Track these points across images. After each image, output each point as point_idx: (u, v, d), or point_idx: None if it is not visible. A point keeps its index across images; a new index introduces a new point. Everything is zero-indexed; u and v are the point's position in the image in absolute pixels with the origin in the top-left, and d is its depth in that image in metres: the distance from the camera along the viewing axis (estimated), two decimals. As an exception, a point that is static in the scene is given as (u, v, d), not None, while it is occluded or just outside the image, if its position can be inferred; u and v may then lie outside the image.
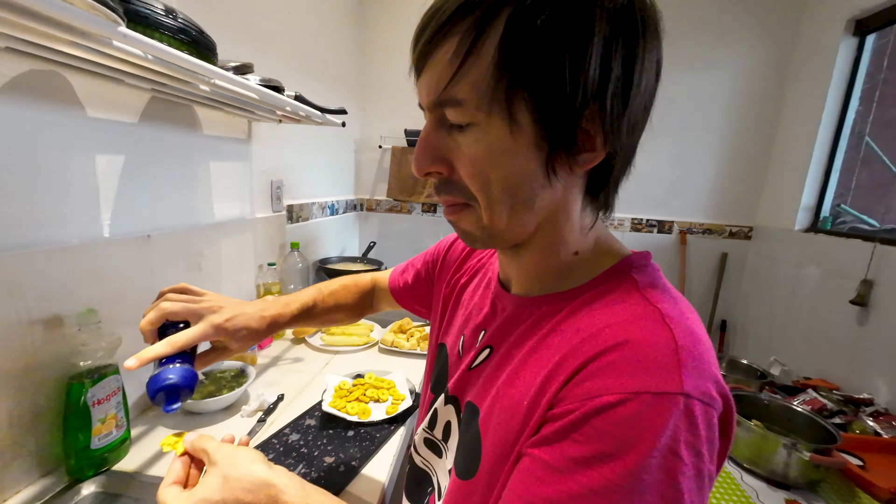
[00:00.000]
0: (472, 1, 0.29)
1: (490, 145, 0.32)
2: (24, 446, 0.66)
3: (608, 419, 0.28)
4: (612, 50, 0.30)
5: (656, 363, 0.29)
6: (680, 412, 0.27)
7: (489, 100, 0.31)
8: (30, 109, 0.65)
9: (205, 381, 0.96)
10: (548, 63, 0.29)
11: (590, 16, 0.29)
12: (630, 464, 0.27)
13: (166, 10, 0.60)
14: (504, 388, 0.38)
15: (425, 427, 0.51)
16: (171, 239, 0.93)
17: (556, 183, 0.34)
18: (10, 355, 0.63)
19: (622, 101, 0.31)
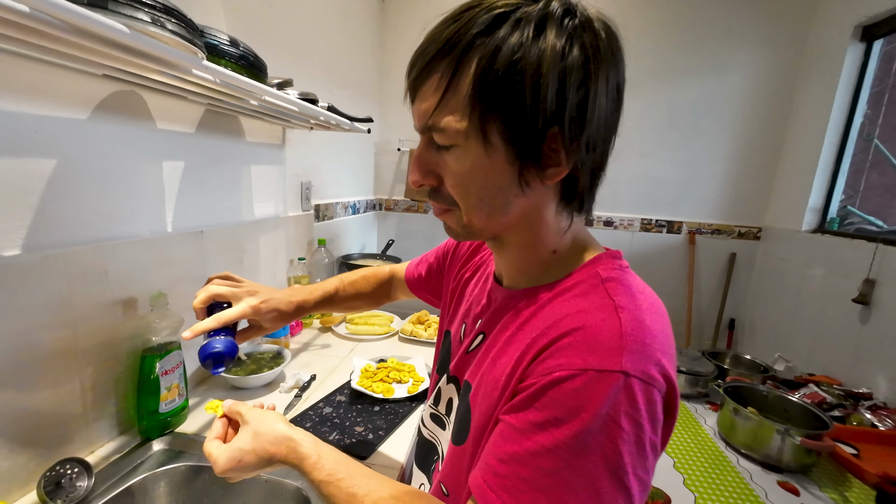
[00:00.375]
0: (449, 45, 0.36)
1: (470, 163, 0.39)
2: (105, 408, 0.79)
3: (560, 391, 0.34)
4: (566, 82, 0.35)
5: (602, 346, 0.34)
6: (620, 387, 0.33)
7: (466, 126, 0.37)
8: (115, 124, 0.77)
9: (247, 360, 1.08)
10: (512, 96, 0.35)
11: (545, 56, 0.34)
12: (576, 427, 0.33)
13: (231, 41, 0.72)
14: (489, 368, 0.44)
15: (431, 403, 0.59)
16: (218, 234, 1.05)
17: (529, 192, 0.40)
18: (97, 330, 0.75)
19: (579, 124, 0.37)
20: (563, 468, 0.33)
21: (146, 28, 0.49)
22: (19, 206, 0.63)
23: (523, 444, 0.35)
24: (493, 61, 0.35)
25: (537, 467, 0.34)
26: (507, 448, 0.36)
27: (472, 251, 0.66)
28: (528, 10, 0.35)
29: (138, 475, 0.73)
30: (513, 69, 0.34)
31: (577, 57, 0.35)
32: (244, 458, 0.46)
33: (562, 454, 0.33)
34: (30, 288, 0.63)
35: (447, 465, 0.50)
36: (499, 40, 0.35)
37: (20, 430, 0.64)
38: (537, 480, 0.34)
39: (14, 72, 0.60)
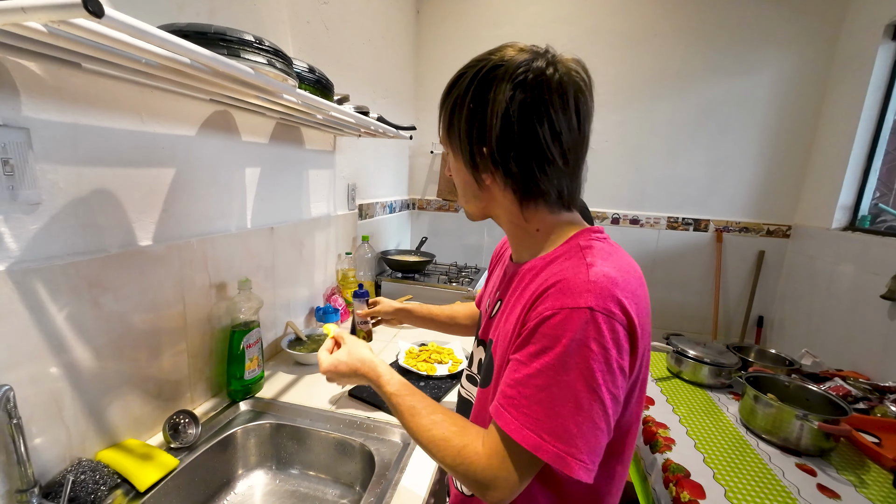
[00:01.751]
0: (443, 95, 0.58)
1: (454, 165, 0.60)
2: (203, 373, 0.95)
3: (546, 326, 0.46)
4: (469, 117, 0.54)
5: (573, 291, 0.46)
6: (587, 319, 0.44)
7: (447, 143, 0.59)
8: (213, 138, 0.93)
9: (307, 341, 1.23)
10: (453, 129, 0.56)
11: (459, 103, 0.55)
12: (558, 351, 0.45)
13: (309, 68, 0.86)
14: (504, 323, 0.57)
15: (466, 367, 0.75)
16: (285, 231, 1.21)
17: (486, 189, 0.57)
18: (199, 309, 0.91)
19: (506, 146, 0.52)
20: (552, 384, 0.45)
21: (263, 69, 0.63)
22: (152, 206, 0.79)
23: (523, 371, 0.48)
24: (451, 105, 0.56)
25: (534, 386, 0.46)
26: (513, 376, 0.49)
27: (498, 252, 0.81)
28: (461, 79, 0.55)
29: (232, 428, 0.89)
30: (452, 114, 0.56)
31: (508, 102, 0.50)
32: (338, 366, 0.66)
33: (550, 373, 0.46)
34: (157, 271, 0.80)
35: (476, 407, 0.64)
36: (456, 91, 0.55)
37: (150, 386, 0.81)
38: (534, 396, 0.46)
39: (153, 101, 0.77)
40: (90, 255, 0.68)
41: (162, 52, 0.53)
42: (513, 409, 0.47)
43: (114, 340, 0.72)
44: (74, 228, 0.66)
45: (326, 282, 1.49)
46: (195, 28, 0.59)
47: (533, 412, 0.46)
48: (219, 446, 0.85)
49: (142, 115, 0.75)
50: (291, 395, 1.02)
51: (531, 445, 0.46)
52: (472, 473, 0.50)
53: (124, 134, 0.72)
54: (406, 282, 1.93)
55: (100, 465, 0.67)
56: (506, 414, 0.48)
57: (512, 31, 2.26)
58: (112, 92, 0.69)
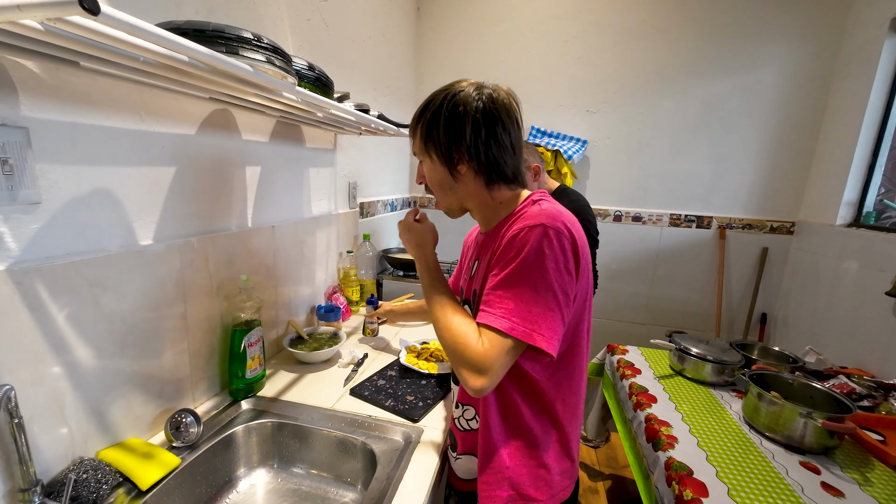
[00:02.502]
0: (414, 119, 0.74)
1: (429, 168, 0.74)
2: (205, 372, 0.95)
3: (511, 243, 0.63)
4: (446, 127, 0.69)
5: (530, 217, 0.64)
6: (542, 233, 0.61)
7: (423, 151, 0.73)
8: (214, 137, 0.93)
9: (309, 340, 1.23)
10: (431, 137, 0.70)
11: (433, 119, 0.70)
12: (521, 256, 0.61)
13: (309, 65, 0.85)
14: (482, 269, 0.74)
15: None
16: (286, 229, 1.21)
17: (461, 179, 0.72)
18: (201, 307, 0.91)
19: (473, 141, 0.68)
20: (519, 282, 0.62)
21: (262, 66, 0.63)
22: (152, 205, 0.79)
23: (496, 279, 0.64)
24: (425, 126, 0.71)
25: (506, 287, 0.63)
26: (489, 285, 0.65)
27: (467, 241, 0.96)
28: (434, 99, 0.71)
29: (234, 427, 0.89)
30: (428, 127, 0.71)
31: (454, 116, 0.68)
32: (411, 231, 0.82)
33: (516, 275, 0.62)
34: (158, 271, 0.80)
35: None
36: (427, 114, 0.71)
37: (151, 385, 0.81)
38: (506, 293, 0.62)
39: (153, 100, 0.76)
40: (90, 254, 0.67)
41: (160, 50, 0.52)
42: (490, 307, 0.63)
43: (115, 340, 0.72)
44: (74, 228, 0.66)
45: (328, 280, 1.49)
46: (193, 25, 0.59)
47: (505, 304, 0.62)
48: (221, 445, 0.85)
49: (141, 114, 0.75)
50: (293, 393, 1.02)
51: (507, 328, 0.61)
52: (469, 357, 0.62)
53: (124, 133, 0.72)
54: (407, 280, 1.93)
55: (102, 463, 0.68)
56: (486, 313, 0.63)
57: (512, 27, 2.25)
58: (111, 91, 0.69)
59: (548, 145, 2.20)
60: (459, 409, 0.80)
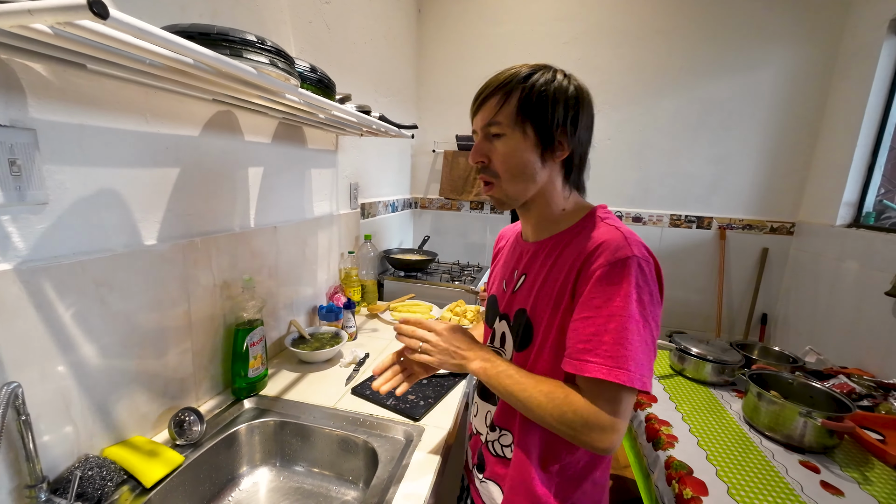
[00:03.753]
0: (504, 83, 0.63)
1: (513, 145, 0.64)
2: (208, 371, 0.96)
3: (604, 279, 0.57)
4: (568, 103, 0.62)
5: (618, 246, 0.58)
6: (636, 266, 0.56)
7: (514, 123, 0.63)
8: (218, 138, 0.94)
9: (311, 340, 1.24)
10: (540, 111, 0.62)
11: (559, 90, 0.62)
12: (621, 293, 0.56)
13: (311, 67, 0.86)
14: (539, 291, 0.66)
15: (489, 345, 0.78)
16: (288, 230, 1.21)
17: (545, 167, 0.64)
18: (204, 307, 0.92)
19: (574, 126, 0.63)
20: (624, 324, 0.55)
21: (266, 68, 0.64)
22: (157, 206, 0.80)
23: (595, 322, 0.57)
24: (531, 92, 0.62)
25: (608, 330, 0.56)
26: (586, 331, 0.57)
27: (499, 243, 0.89)
28: (544, 71, 0.64)
29: (237, 426, 0.90)
30: (542, 96, 0.62)
31: (573, 95, 0.63)
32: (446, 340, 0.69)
33: (617, 314, 0.56)
34: (163, 270, 0.81)
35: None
36: (532, 81, 0.63)
37: (154, 383, 0.82)
38: (613, 338, 0.55)
39: (158, 102, 0.77)
40: (96, 254, 0.68)
41: (166, 53, 0.53)
42: (597, 357, 0.56)
43: (120, 339, 0.73)
44: (81, 228, 0.67)
45: (329, 281, 1.50)
46: (198, 29, 0.59)
47: (615, 352, 0.55)
48: (224, 443, 0.85)
49: (146, 116, 0.76)
50: (295, 392, 1.03)
51: (625, 380, 0.54)
52: (579, 419, 0.56)
53: (129, 134, 0.73)
54: (409, 280, 1.94)
55: (107, 461, 0.68)
56: (592, 364, 0.56)
57: (514, 29, 2.26)
58: (117, 93, 0.70)
59: (548, 146, 2.21)
60: (496, 433, 0.74)
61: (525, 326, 0.68)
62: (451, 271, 2.11)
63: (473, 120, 0.68)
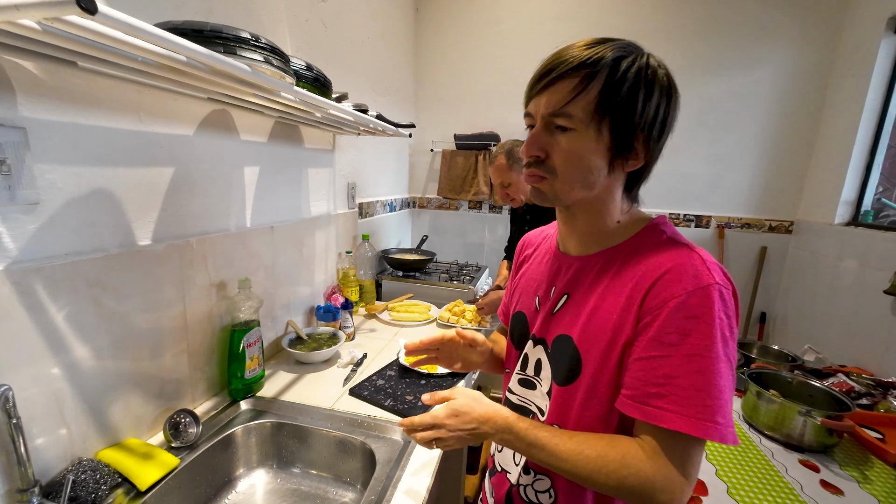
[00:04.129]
0: (587, 62, 0.50)
1: (581, 145, 0.52)
2: (204, 372, 0.95)
3: (680, 312, 0.47)
4: (658, 106, 0.52)
5: (696, 272, 0.48)
6: (717, 294, 0.47)
7: (589, 119, 0.51)
8: (213, 137, 0.93)
9: (308, 340, 1.23)
10: (624, 107, 0.50)
11: (651, 87, 0.51)
12: (702, 330, 0.46)
13: (306, 65, 0.86)
14: (592, 316, 0.55)
15: (518, 371, 0.68)
16: (285, 230, 1.21)
17: (610, 176, 0.54)
18: (199, 308, 0.91)
19: (659, 133, 0.53)
20: (706, 365, 0.46)
21: (260, 66, 0.63)
22: (151, 206, 0.79)
23: (671, 363, 0.47)
24: (618, 82, 0.50)
25: (687, 373, 0.47)
26: (658, 372, 0.48)
27: (523, 250, 0.78)
28: (636, 56, 0.52)
29: (233, 427, 0.89)
30: (630, 91, 0.50)
31: (666, 91, 0.52)
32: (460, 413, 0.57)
33: (698, 353, 0.46)
34: (158, 271, 0.80)
35: (555, 407, 0.59)
36: (623, 68, 0.50)
37: (150, 385, 0.81)
38: (694, 383, 0.46)
39: (151, 101, 0.77)
40: (89, 254, 0.68)
41: (158, 50, 0.52)
42: (674, 404, 0.47)
43: (114, 340, 0.72)
44: (73, 228, 0.66)
45: (327, 281, 1.49)
46: (191, 26, 0.59)
47: (699, 400, 0.46)
48: (220, 445, 0.85)
49: (140, 115, 0.75)
50: (292, 393, 1.02)
51: (716, 436, 0.46)
52: (643, 482, 0.47)
53: (123, 133, 0.72)
54: (407, 280, 1.93)
55: (100, 464, 0.68)
56: (670, 414, 0.46)
57: (512, 27, 2.25)
58: (110, 91, 0.69)
59: (546, 145, 2.20)
60: (529, 476, 0.64)
61: (571, 357, 0.57)
62: (449, 271, 2.11)
63: (531, 101, 0.55)
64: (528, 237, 0.78)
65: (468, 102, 2.39)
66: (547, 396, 0.62)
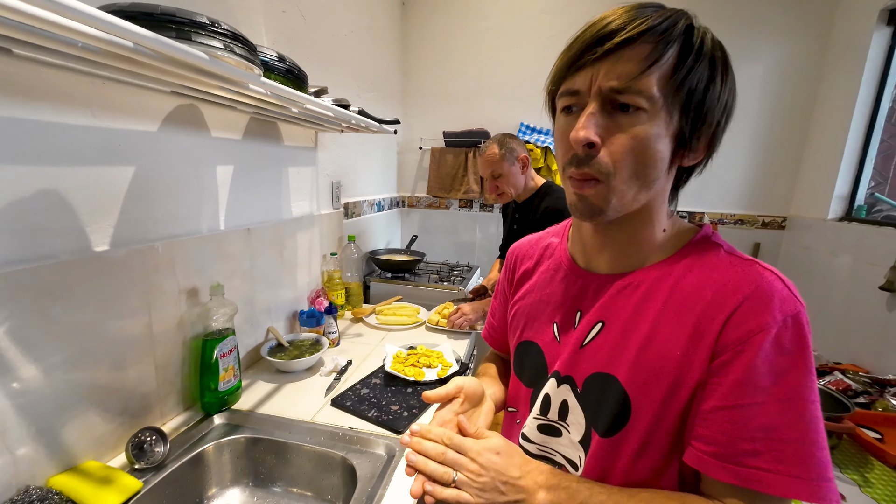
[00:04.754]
0: (662, 27, 0.41)
1: (650, 128, 0.42)
2: (174, 385, 0.89)
3: (773, 348, 0.39)
4: (733, 87, 0.45)
5: (780, 297, 0.40)
6: (805, 319, 0.40)
7: (663, 96, 0.41)
8: (179, 134, 0.87)
9: (290, 347, 1.18)
10: (700, 87, 0.42)
11: (720, 63, 0.43)
12: (800, 367, 0.39)
13: (279, 56, 0.80)
14: (644, 350, 0.45)
15: (537, 415, 0.56)
16: (263, 232, 1.15)
17: (668, 172, 0.46)
18: (167, 316, 0.85)
19: (725, 122, 0.45)
20: (804, 407, 0.39)
21: (220, 54, 0.57)
22: (109, 208, 0.73)
23: (767, 411, 0.39)
24: (695, 54, 0.41)
25: (788, 423, 0.39)
26: (754, 424, 0.39)
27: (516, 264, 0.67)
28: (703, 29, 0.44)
29: (205, 444, 0.83)
30: (707, 67, 0.42)
31: (731, 72, 0.45)
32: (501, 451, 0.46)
33: (797, 397, 0.39)
34: (118, 278, 0.74)
35: (596, 460, 0.49)
36: (697, 42, 0.42)
37: (111, 402, 0.75)
38: (796, 435, 0.39)
39: (106, 93, 0.70)
40: (36, 262, 0.61)
41: (100, 35, 0.47)
42: (777, 463, 0.38)
43: (69, 355, 0.66)
44: (15, 234, 0.60)
45: (311, 284, 1.44)
46: (141, 8, 0.53)
47: (807, 456, 0.38)
48: (189, 464, 0.79)
49: (93, 109, 0.69)
50: (271, 405, 0.96)
51: (818, 495, 0.38)
52: None
53: (73, 129, 0.66)
54: (396, 282, 1.88)
55: (51, 492, 0.62)
56: (771, 475, 0.38)
57: (500, 22, 2.20)
58: (54, 83, 0.63)
59: (537, 142, 2.16)
60: None
61: (617, 402, 0.47)
62: (439, 272, 2.06)
63: (577, 73, 0.43)
64: (522, 248, 0.67)
65: (457, 99, 2.34)
66: (580, 446, 0.52)
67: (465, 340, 1.39)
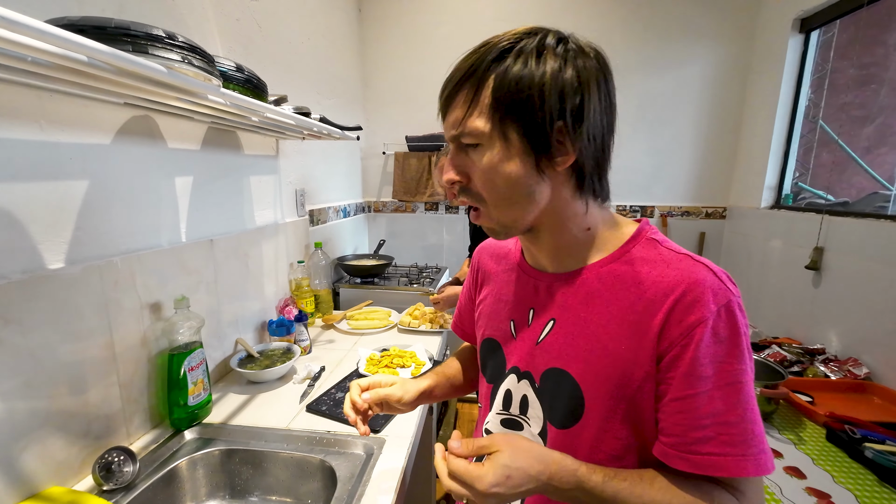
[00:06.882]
0: (471, 71, 0.45)
1: (492, 157, 0.46)
2: (139, 403, 0.87)
3: (712, 339, 0.42)
4: (563, 90, 0.44)
5: (713, 287, 0.43)
6: (737, 306, 0.44)
7: (489, 128, 0.45)
8: (133, 146, 0.85)
9: (260, 358, 1.16)
10: (524, 102, 0.44)
11: (546, 72, 0.44)
12: (735, 354, 0.43)
13: (237, 67, 0.80)
14: (593, 346, 0.48)
15: (499, 410, 0.59)
16: (226, 242, 1.13)
17: (546, 179, 0.47)
18: (130, 333, 0.83)
19: (578, 119, 0.45)
20: (739, 389, 0.43)
21: (178, 66, 0.58)
22: (62, 224, 0.70)
23: (712, 397, 0.43)
24: (506, 79, 0.44)
25: (730, 406, 0.43)
26: (703, 411, 0.43)
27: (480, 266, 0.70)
28: (527, 42, 0.45)
29: (177, 460, 0.82)
30: (522, 83, 0.44)
31: (572, 73, 0.45)
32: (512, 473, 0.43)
33: (734, 380, 0.43)
34: (74, 296, 0.71)
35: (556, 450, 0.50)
36: (508, 64, 0.44)
37: (73, 425, 0.72)
38: (739, 417, 0.43)
39: (54, 107, 0.68)
40: (-15, 283, 0.59)
41: (51, 49, 0.46)
42: (731, 446, 0.42)
43: (24, 379, 0.64)
44: (-39, 255, 0.57)
45: (279, 293, 1.42)
46: (92, 22, 0.53)
47: (744, 434, 0.42)
48: (161, 482, 0.77)
49: (41, 123, 0.66)
50: (244, 416, 0.95)
51: (764, 467, 0.42)
52: None
53: (18, 144, 0.64)
54: (365, 287, 1.88)
55: (13, 521, 0.59)
56: (732, 459, 0.42)
57: (454, 29, 2.26)
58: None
59: (497, 144, 2.23)
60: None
61: (571, 397, 0.50)
62: (409, 274, 2.08)
63: (444, 125, 0.51)
64: (484, 250, 0.70)
65: (418, 103, 2.38)
66: (539, 438, 0.54)
67: (438, 338, 1.43)
